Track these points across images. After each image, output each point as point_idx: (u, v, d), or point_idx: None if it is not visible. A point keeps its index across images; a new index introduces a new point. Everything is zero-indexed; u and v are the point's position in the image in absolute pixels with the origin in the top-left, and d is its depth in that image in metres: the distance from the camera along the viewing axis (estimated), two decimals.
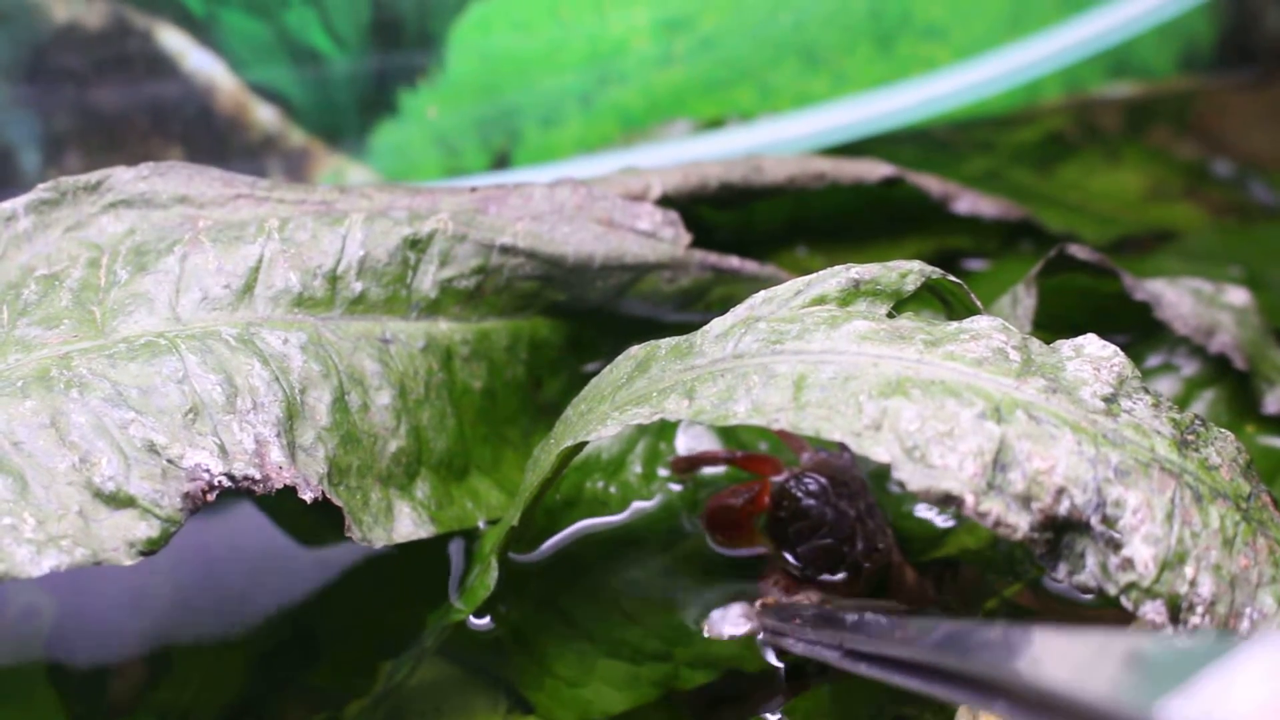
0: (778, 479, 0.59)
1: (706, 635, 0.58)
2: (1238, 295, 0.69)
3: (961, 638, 0.41)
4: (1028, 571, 0.60)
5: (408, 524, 0.57)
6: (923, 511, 0.63)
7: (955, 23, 0.89)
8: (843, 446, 0.62)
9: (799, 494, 0.58)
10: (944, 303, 0.56)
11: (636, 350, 0.54)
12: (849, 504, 0.58)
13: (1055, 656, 0.36)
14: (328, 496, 0.54)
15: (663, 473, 0.64)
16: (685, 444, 0.65)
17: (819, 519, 0.57)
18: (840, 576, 0.57)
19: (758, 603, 0.58)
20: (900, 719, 0.54)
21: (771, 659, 0.57)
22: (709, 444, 0.65)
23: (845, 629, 0.49)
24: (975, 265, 0.77)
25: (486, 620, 0.59)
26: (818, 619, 0.52)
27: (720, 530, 0.60)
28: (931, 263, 0.54)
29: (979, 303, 0.54)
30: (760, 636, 0.57)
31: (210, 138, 0.79)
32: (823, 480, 0.58)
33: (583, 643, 0.59)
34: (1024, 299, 0.62)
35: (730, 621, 0.58)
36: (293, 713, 0.57)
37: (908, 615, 0.55)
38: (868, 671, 0.47)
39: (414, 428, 0.59)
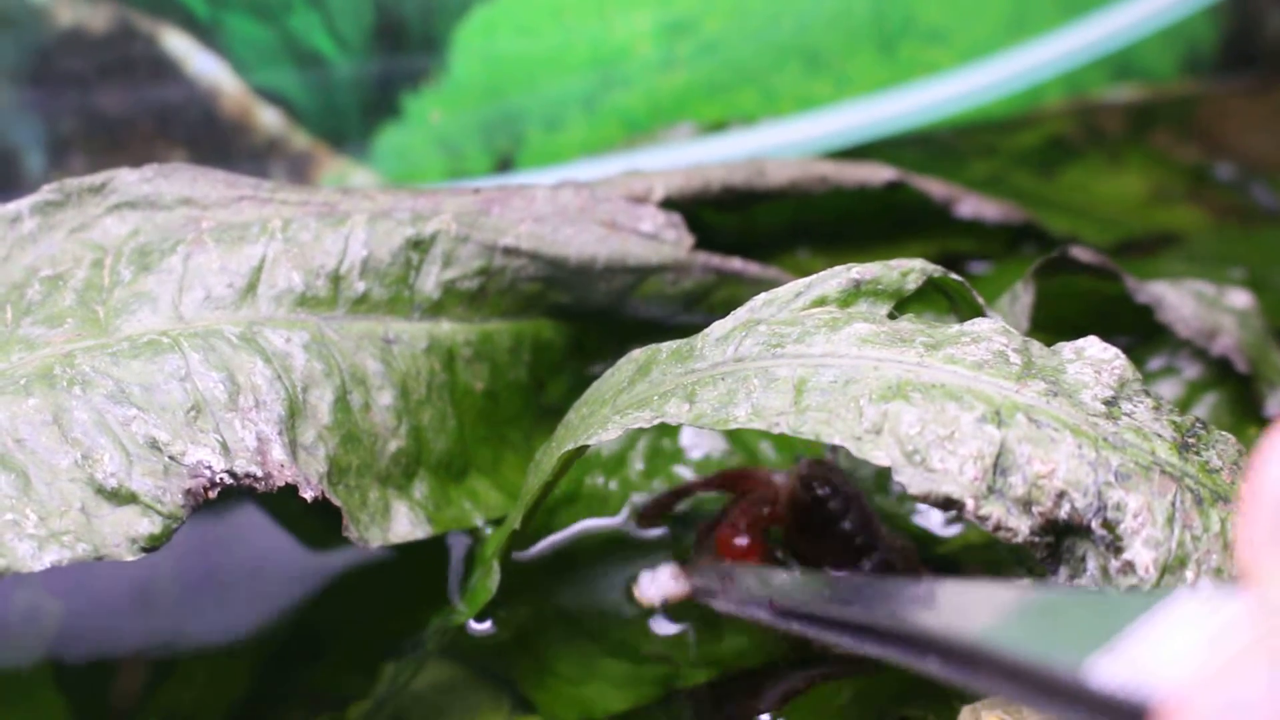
0: (776, 484, 0.59)
1: (637, 599, 0.57)
2: (1240, 298, 0.69)
3: (890, 594, 0.41)
4: (1029, 572, 0.60)
5: (404, 524, 0.58)
6: (919, 520, 0.63)
7: (957, 26, 0.89)
8: (832, 449, 0.62)
9: (818, 485, 0.58)
10: (948, 299, 0.56)
11: (638, 353, 0.54)
12: (855, 491, 0.58)
13: (982, 610, 0.36)
14: (327, 496, 0.54)
15: (676, 470, 0.64)
16: (689, 440, 0.65)
17: (840, 508, 0.57)
18: (870, 566, 0.57)
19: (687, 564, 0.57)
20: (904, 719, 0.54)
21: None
22: (713, 442, 0.65)
23: (775, 587, 0.49)
24: (978, 269, 0.77)
25: (488, 623, 0.59)
26: (748, 576, 0.52)
27: (733, 559, 0.58)
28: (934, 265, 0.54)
29: (981, 300, 0.54)
30: (695, 597, 0.57)
31: (214, 141, 0.79)
32: (831, 471, 0.58)
33: (584, 642, 0.59)
34: (1022, 296, 0.62)
35: (659, 584, 0.57)
36: (295, 714, 0.58)
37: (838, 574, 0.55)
38: (800, 629, 0.47)
39: (414, 428, 0.59)
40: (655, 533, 0.62)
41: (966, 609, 0.36)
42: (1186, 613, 0.28)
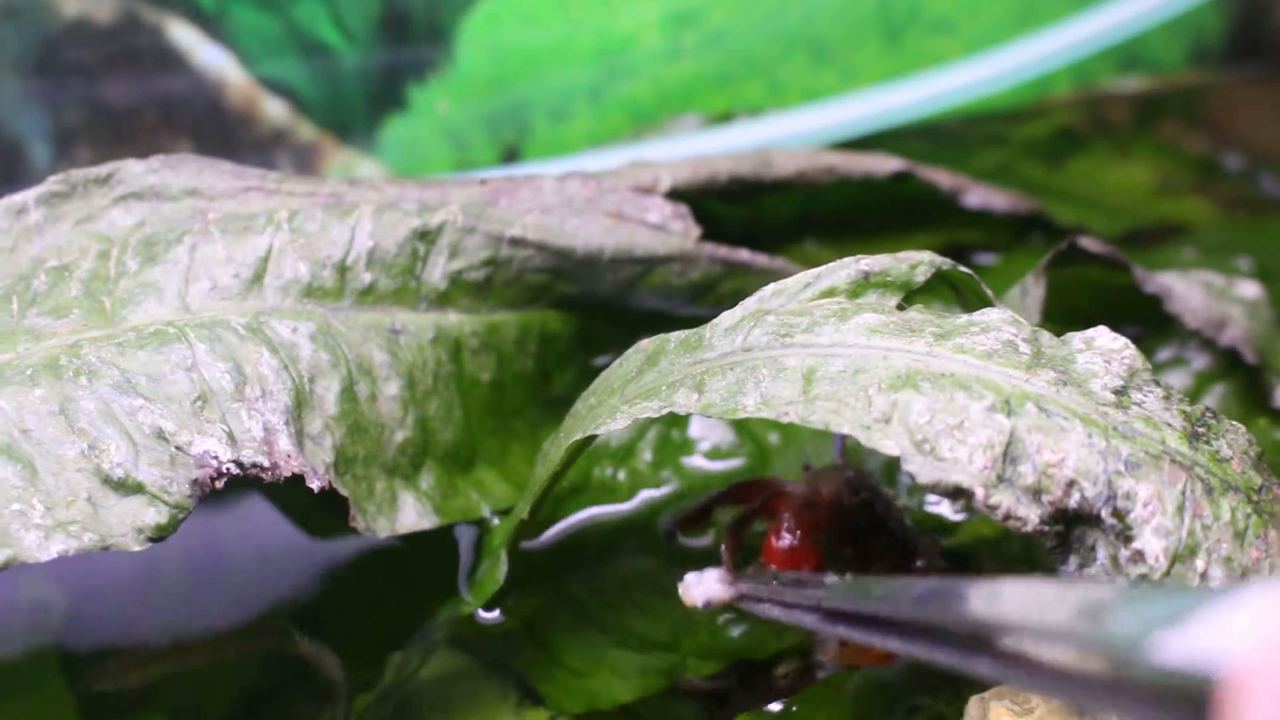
0: (812, 488, 0.59)
1: (682, 599, 0.56)
2: (1249, 288, 0.69)
3: (942, 592, 0.41)
4: (1045, 564, 0.60)
5: (411, 514, 0.58)
6: (930, 509, 0.63)
7: (964, 17, 0.89)
8: (839, 448, 0.62)
9: (861, 493, 0.57)
10: (956, 292, 0.56)
11: (646, 344, 0.54)
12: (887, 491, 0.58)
13: (1037, 607, 0.36)
14: (334, 486, 0.54)
15: (685, 461, 0.64)
16: (697, 431, 0.65)
17: (884, 511, 0.57)
18: (924, 563, 0.57)
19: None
20: (914, 709, 0.54)
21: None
22: (721, 433, 0.64)
23: (823, 589, 0.49)
24: (986, 259, 0.77)
25: (496, 613, 0.59)
26: (796, 581, 0.52)
27: (782, 564, 0.57)
28: (942, 255, 0.53)
29: (990, 293, 0.54)
30: (740, 602, 0.56)
31: (220, 132, 0.79)
32: (859, 475, 0.58)
33: (591, 632, 0.59)
34: (1033, 289, 0.61)
35: (706, 586, 0.56)
36: (301, 706, 0.57)
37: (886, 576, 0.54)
38: (847, 633, 0.47)
39: (421, 419, 0.59)
40: (662, 527, 0.62)
41: (1028, 604, 0.36)
42: (1250, 600, 0.28)
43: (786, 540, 0.57)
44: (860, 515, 0.58)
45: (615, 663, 0.58)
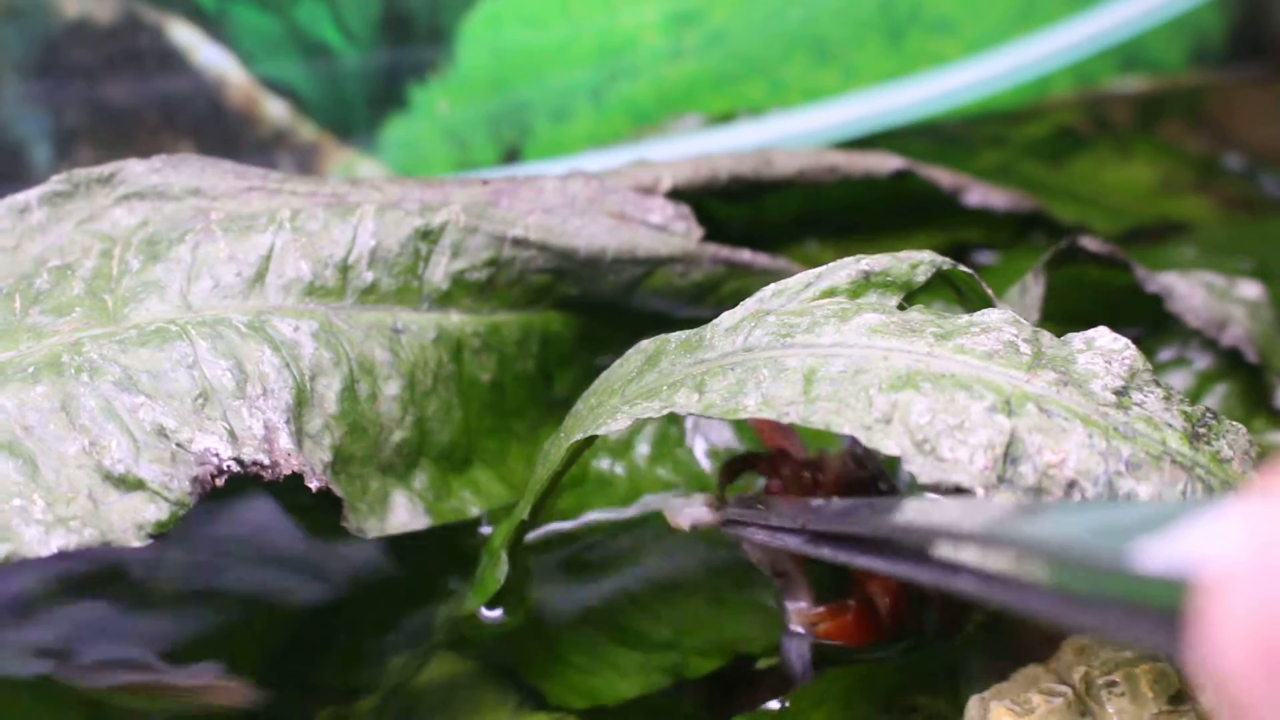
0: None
1: (669, 521, 0.56)
2: (1250, 289, 0.69)
3: (926, 511, 0.41)
4: None
5: (402, 514, 0.58)
6: None
7: (966, 16, 0.89)
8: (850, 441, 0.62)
9: (868, 466, 0.57)
10: (957, 291, 0.56)
11: (647, 344, 0.54)
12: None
13: (1015, 518, 0.36)
14: (329, 485, 0.54)
15: (680, 454, 0.64)
16: (693, 423, 0.65)
17: (889, 489, 0.57)
18: None
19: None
20: (911, 709, 0.54)
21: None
22: (718, 431, 0.64)
23: (810, 512, 0.49)
24: (986, 258, 0.77)
25: (498, 612, 0.59)
26: (782, 505, 0.52)
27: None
28: (943, 254, 0.53)
29: (991, 292, 0.54)
30: (726, 527, 0.55)
31: (221, 132, 0.79)
32: (868, 453, 0.57)
33: (592, 631, 0.59)
34: (1033, 287, 0.61)
35: (693, 510, 0.56)
36: (305, 709, 0.57)
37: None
38: (831, 555, 0.47)
39: (419, 419, 0.59)
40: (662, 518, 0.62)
41: (1008, 517, 0.36)
42: (1236, 508, 0.27)
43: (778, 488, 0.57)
44: (865, 490, 0.58)
45: (618, 661, 0.58)
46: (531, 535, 0.61)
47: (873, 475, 0.57)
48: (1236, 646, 0.25)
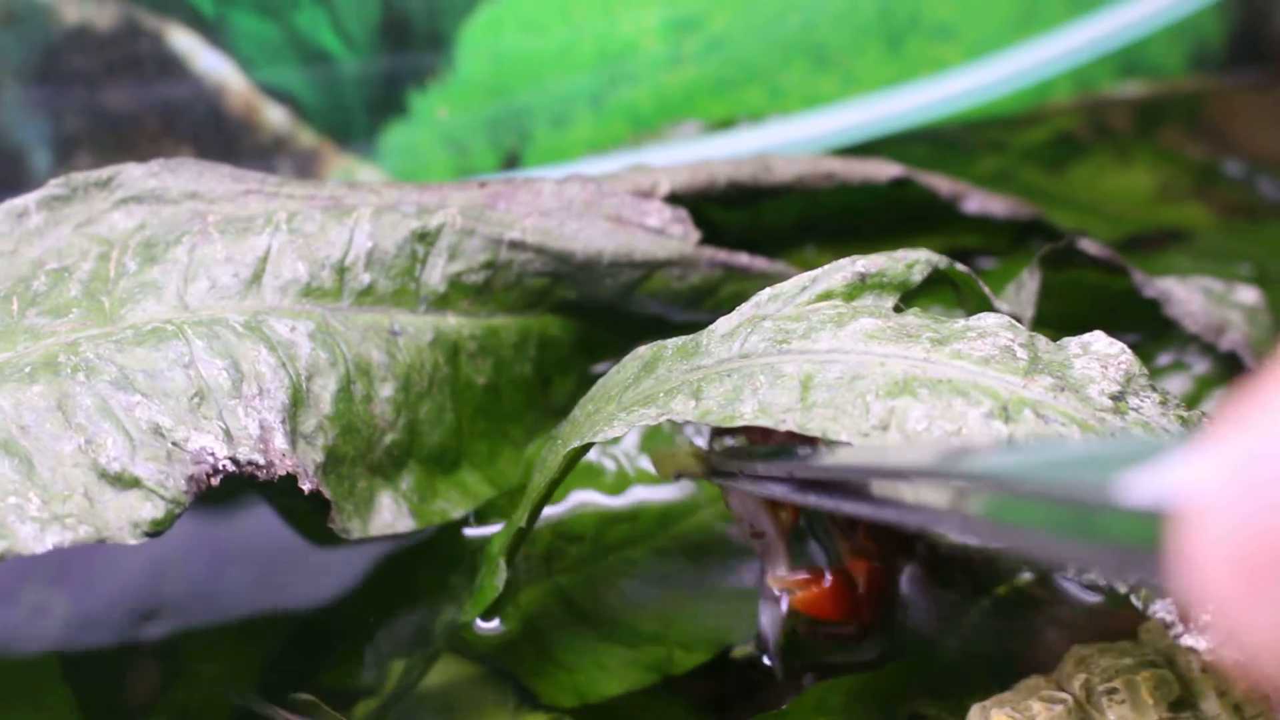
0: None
1: (656, 472, 0.56)
2: (1248, 294, 0.69)
3: (916, 456, 0.41)
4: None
5: (386, 515, 0.58)
6: None
7: (965, 22, 0.89)
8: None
9: None
10: (957, 292, 0.56)
11: (643, 350, 0.54)
12: None
13: (1000, 456, 0.36)
14: (319, 487, 0.54)
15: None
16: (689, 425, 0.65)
17: None
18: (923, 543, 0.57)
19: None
20: (915, 717, 0.54)
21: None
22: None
23: (795, 459, 0.49)
24: (985, 264, 0.77)
25: (495, 623, 0.59)
26: (768, 454, 0.51)
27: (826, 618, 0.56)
28: None
29: (988, 291, 0.54)
30: (711, 476, 0.55)
31: (220, 138, 0.79)
32: None
33: (579, 627, 0.59)
34: (1028, 283, 0.61)
35: (678, 458, 0.55)
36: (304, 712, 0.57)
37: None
38: (817, 501, 0.47)
39: (411, 421, 0.59)
40: (651, 511, 0.62)
41: (991, 455, 0.37)
42: (1223, 440, 0.27)
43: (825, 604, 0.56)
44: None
45: (604, 658, 0.58)
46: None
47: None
48: (1219, 566, 0.26)
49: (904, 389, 0.47)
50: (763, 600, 0.57)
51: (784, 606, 0.56)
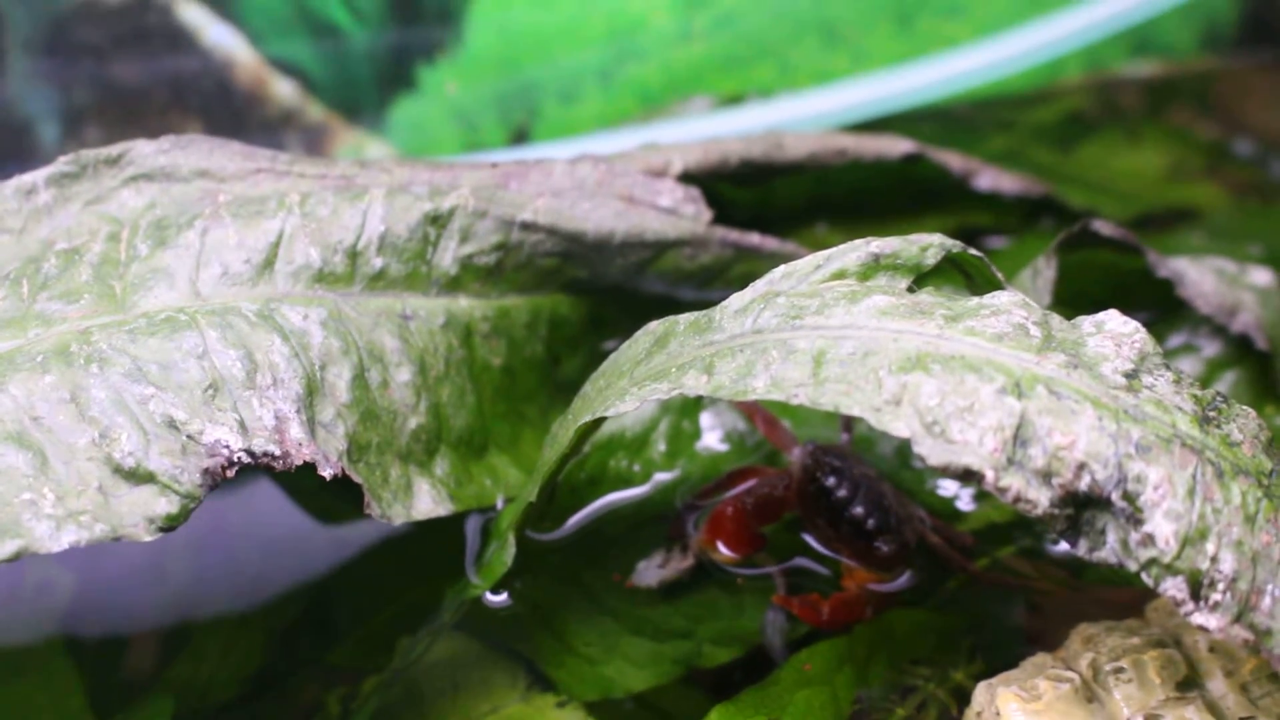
0: (790, 465, 0.60)
1: (634, 585, 0.59)
2: (1261, 275, 0.69)
3: None
4: (1019, 538, 0.60)
5: (427, 501, 0.57)
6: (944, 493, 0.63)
7: (975, 0, 0.89)
8: (846, 429, 0.62)
9: (823, 473, 0.58)
10: (966, 276, 0.56)
11: (655, 325, 0.54)
12: (865, 471, 0.58)
13: None
14: (347, 474, 0.54)
15: (698, 447, 0.64)
16: (708, 421, 0.65)
17: (849, 494, 0.58)
18: (888, 548, 0.57)
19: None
20: (905, 688, 0.55)
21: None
22: (733, 421, 0.64)
23: None
24: (996, 243, 0.77)
25: (504, 596, 0.59)
26: None
27: (729, 537, 0.59)
28: (952, 239, 0.53)
29: (1001, 276, 0.54)
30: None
31: (229, 112, 0.79)
32: (836, 456, 0.59)
33: (605, 619, 0.59)
34: (1044, 270, 0.61)
35: (652, 570, 0.59)
36: (310, 689, 0.58)
37: None
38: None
39: (433, 405, 0.59)
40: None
41: None
42: None
43: (729, 508, 0.59)
44: (820, 500, 0.59)
45: (629, 650, 0.58)
46: (550, 527, 0.61)
47: (825, 487, 0.58)
48: None
49: (917, 364, 0.47)
50: (770, 609, 0.58)
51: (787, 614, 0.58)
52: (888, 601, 0.58)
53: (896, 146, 0.74)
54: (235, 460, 0.51)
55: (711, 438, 0.64)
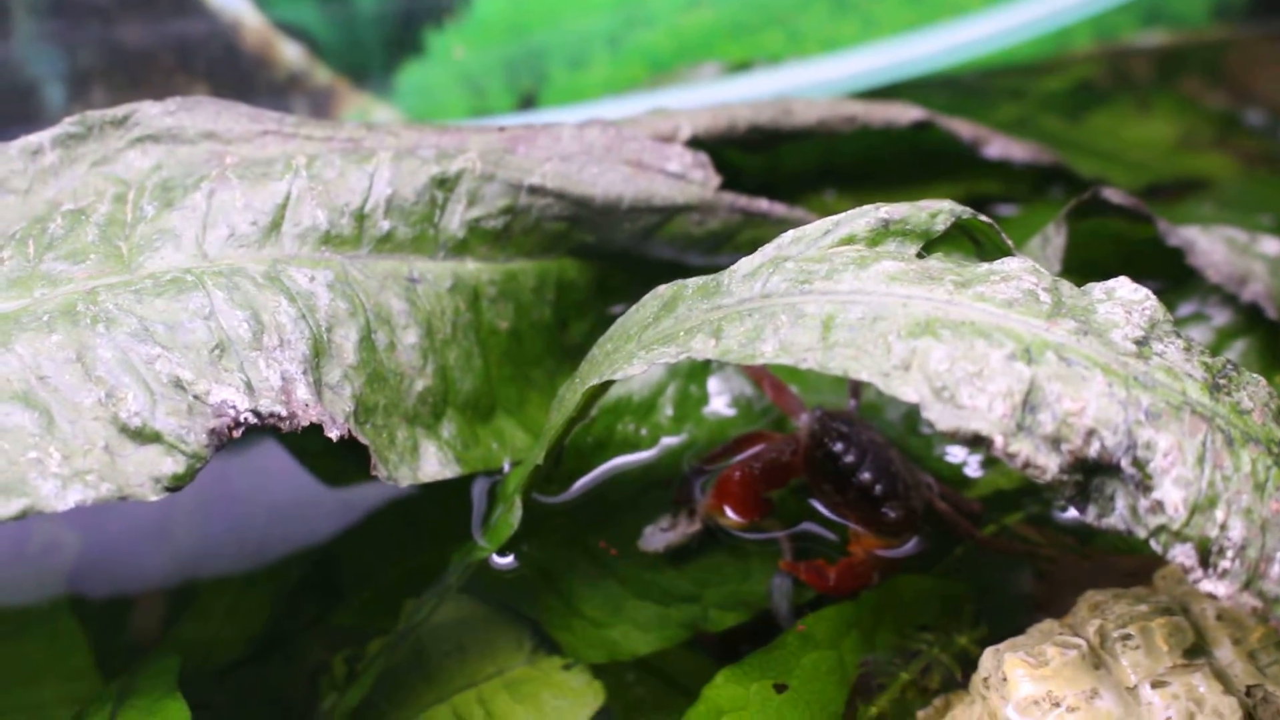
0: (798, 431, 0.60)
1: (641, 549, 0.59)
2: (1272, 245, 0.69)
3: None
4: (1028, 505, 0.60)
5: (434, 463, 0.57)
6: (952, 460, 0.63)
7: None
8: (854, 395, 0.62)
9: (830, 439, 0.58)
10: (975, 244, 0.55)
11: (663, 289, 0.53)
12: (873, 437, 0.58)
13: None
14: (354, 435, 0.54)
15: (705, 412, 0.64)
16: (715, 386, 0.65)
17: (856, 460, 0.58)
18: (895, 514, 0.57)
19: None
20: (908, 652, 0.55)
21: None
22: (740, 386, 0.64)
23: None
24: (1006, 210, 0.77)
25: (510, 559, 0.59)
26: None
27: (736, 502, 0.59)
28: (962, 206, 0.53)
29: (1010, 243, 0.53)
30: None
31: (235, 75, 0.79)
32: (844, 422, 0.59)
33: (611, 583, 0.59)
34: (1054, 238, 0.61)
35: (658, 535, 0.60)
36: (316, 649, 0.58)
37: None
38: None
39: (440, 367, 0.59)
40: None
41: None
42: None
43: (737, 472, 0.59)
44: (827, 465, 0.59)
45: (635, 614, 0.58)
46: (557, 490, 0.61)
47: (832, 453, 0.58)
48: None
49: (926, 330, 0.47)
50: (777, 574, 0.58)
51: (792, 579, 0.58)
52: (894, 567, 0.58)
53: (906, 114, 0.73)
54: (242, 421, 0.51)
55: (719, 403, 0.64)
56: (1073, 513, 0.52)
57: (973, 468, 0.62)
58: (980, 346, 0.46)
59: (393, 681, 0.56)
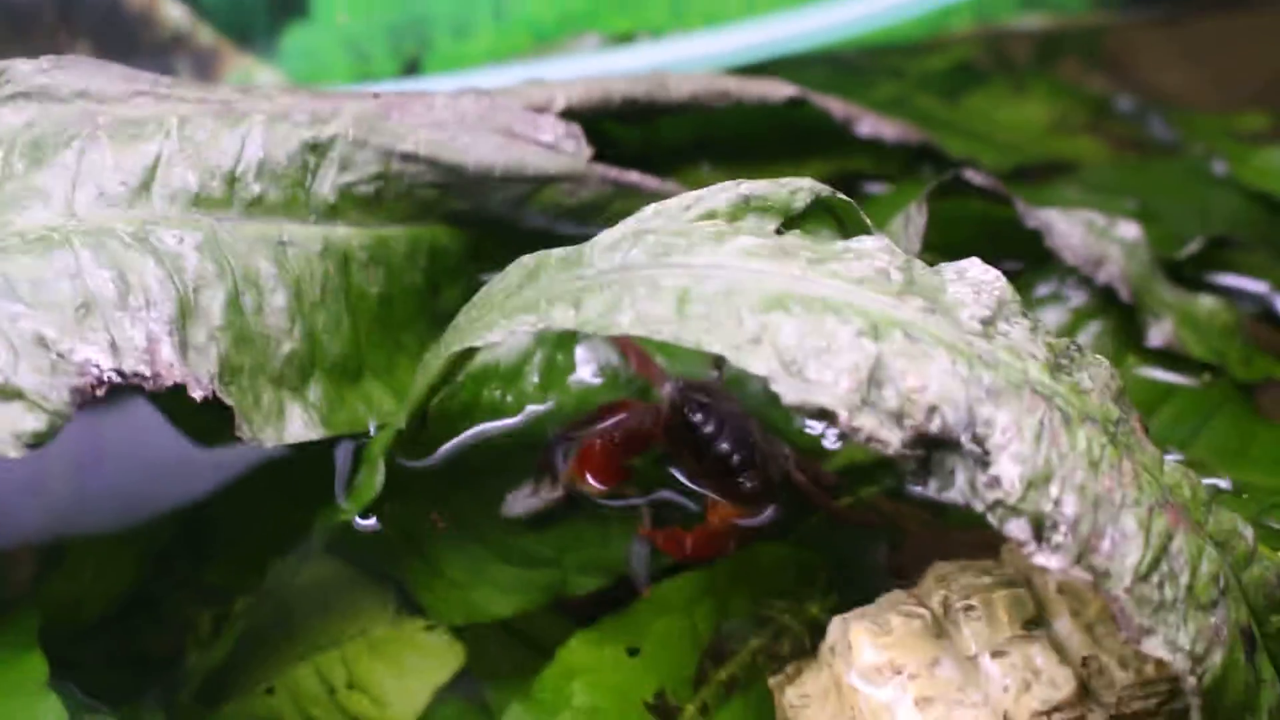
0: (661, 399, 0.61)
1: (504, 515, 0.60)
2: (1129, 229, 0.70)
3: None
4: (883, 478, 0.62)
5: (298, 425, 0.58)
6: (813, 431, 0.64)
7: None
8: (716, 366, 0.63)
9: (690, 409, 0.59)
10: (838, 221, 0.56)
11: (528, 259, 0.54)
12: (733, 409, 0.59)
13: None
14: (219, 396, 0.54)
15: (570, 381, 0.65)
16: (583, 355, 0.65)
17: (715, 430, 0.59)
18: (752, 484, 0.58)
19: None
20: (762, 618, 0.56)
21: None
22: (606, 356, 0.65)
23: None
24: (877, 189, 0.78)
25: (373, 521, 0.59)
26: None
27: (597, 470, 0.60)
28: (833, 185, 0.54)
29: (869, 221, 0.55)
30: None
31: (119, 34, 0.79)
32: (704, 392, 0.60)
33: (474, 546, 0.59)
34: (915, 218, 0.62)
35: (522, 500, 0.60)
36: (184, 608, 0.58)
37: None
38: None
39: (308, 330, 0.59)
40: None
41: None
42: None
43: (598, 443, 0.60)
44: (686, 434, 0.60)
45: (497, 577, 0.58)
46: (422, 454, 0.62)
47: (692, 422, 0.60)
48: None
49: (778, 304, 0.48)
50: (635, 540, 0.59)
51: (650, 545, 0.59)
52: (751, 536, 0.59)
53: (780, 90, 0.74)
54: (105, 379, 0.51)
55: (585, 371, 0.65)
56: None
57: (831, 440, 0.63)
58: (830, 323, 0.47)
59: (257, 640, 0.56)
